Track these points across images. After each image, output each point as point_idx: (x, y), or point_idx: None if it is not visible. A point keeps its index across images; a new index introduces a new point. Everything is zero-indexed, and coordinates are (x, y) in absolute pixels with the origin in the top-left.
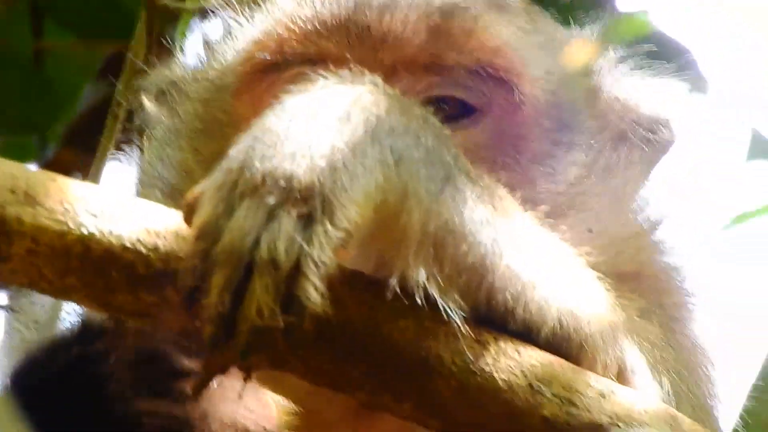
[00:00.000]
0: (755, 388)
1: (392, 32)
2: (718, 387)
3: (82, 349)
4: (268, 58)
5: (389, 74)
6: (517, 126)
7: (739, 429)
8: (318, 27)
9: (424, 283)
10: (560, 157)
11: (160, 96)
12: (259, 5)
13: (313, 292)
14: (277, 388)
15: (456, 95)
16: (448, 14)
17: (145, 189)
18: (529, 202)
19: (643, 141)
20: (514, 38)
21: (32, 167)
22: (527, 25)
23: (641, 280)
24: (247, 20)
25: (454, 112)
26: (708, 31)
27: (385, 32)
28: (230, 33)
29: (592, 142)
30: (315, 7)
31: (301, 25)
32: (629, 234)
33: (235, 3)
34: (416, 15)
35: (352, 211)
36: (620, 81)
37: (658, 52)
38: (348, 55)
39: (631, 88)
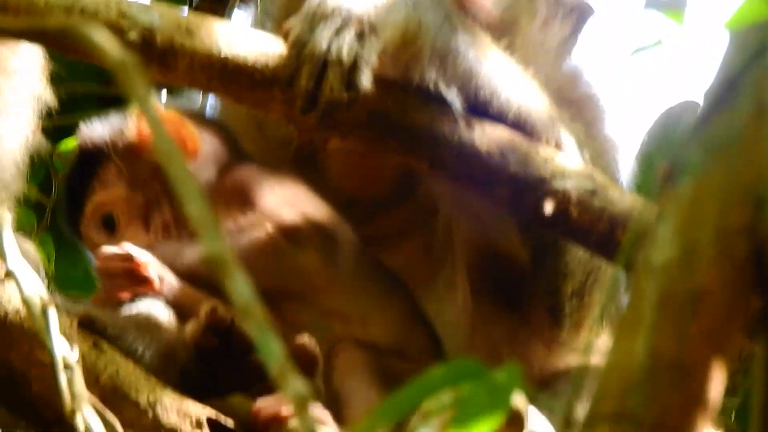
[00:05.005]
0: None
1: None
2: (622, 164)
3: None
4: None
5: None
6: None
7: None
8: None
9: (435, 84)
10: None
11: None
12: None
13: (365, 80)
14: (339, 165)
15: None
16: None
17: (261, 20)
18: None
19: (572, 16)
20: None
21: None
22: None
23: (569, 100)
24: None
25: None
26: None
27: None
28: None
29: (542, 22)
30: None
31: None
32: (561, 73)
33: None
34: None
35: (387, 32)
36: None
37: None
38: None
39: None
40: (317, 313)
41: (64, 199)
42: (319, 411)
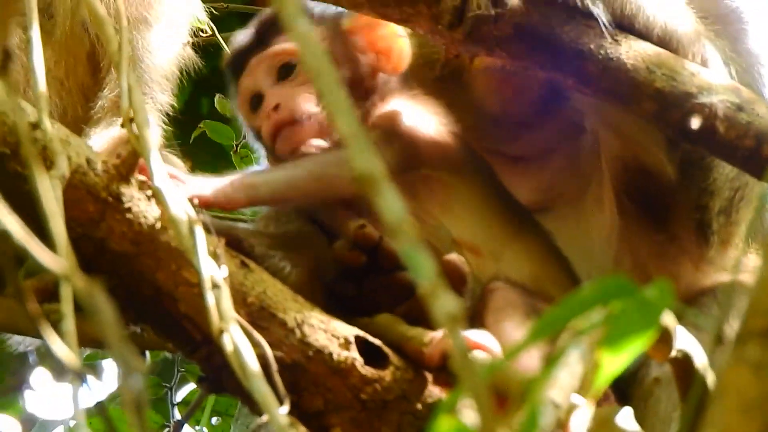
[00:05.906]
0: None
1: None
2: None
3: None
4: None
5: None
6: None
7: None
8: None
9: None
10: None
11: None
12: None
13: None
14: (485, 83)
15: None
16: None
17: None
18: None
19: None
20: None
21: None
22: None
23: (713, 15)
24: None
25: None
26: None
27: None
28: None
29: None
30: None
31: None
32: None
33: None
34: None
35: None
36: None
37: None
38: None
39: None
40: (449, 240)
41: (252, 31)
42: (480, 335)
